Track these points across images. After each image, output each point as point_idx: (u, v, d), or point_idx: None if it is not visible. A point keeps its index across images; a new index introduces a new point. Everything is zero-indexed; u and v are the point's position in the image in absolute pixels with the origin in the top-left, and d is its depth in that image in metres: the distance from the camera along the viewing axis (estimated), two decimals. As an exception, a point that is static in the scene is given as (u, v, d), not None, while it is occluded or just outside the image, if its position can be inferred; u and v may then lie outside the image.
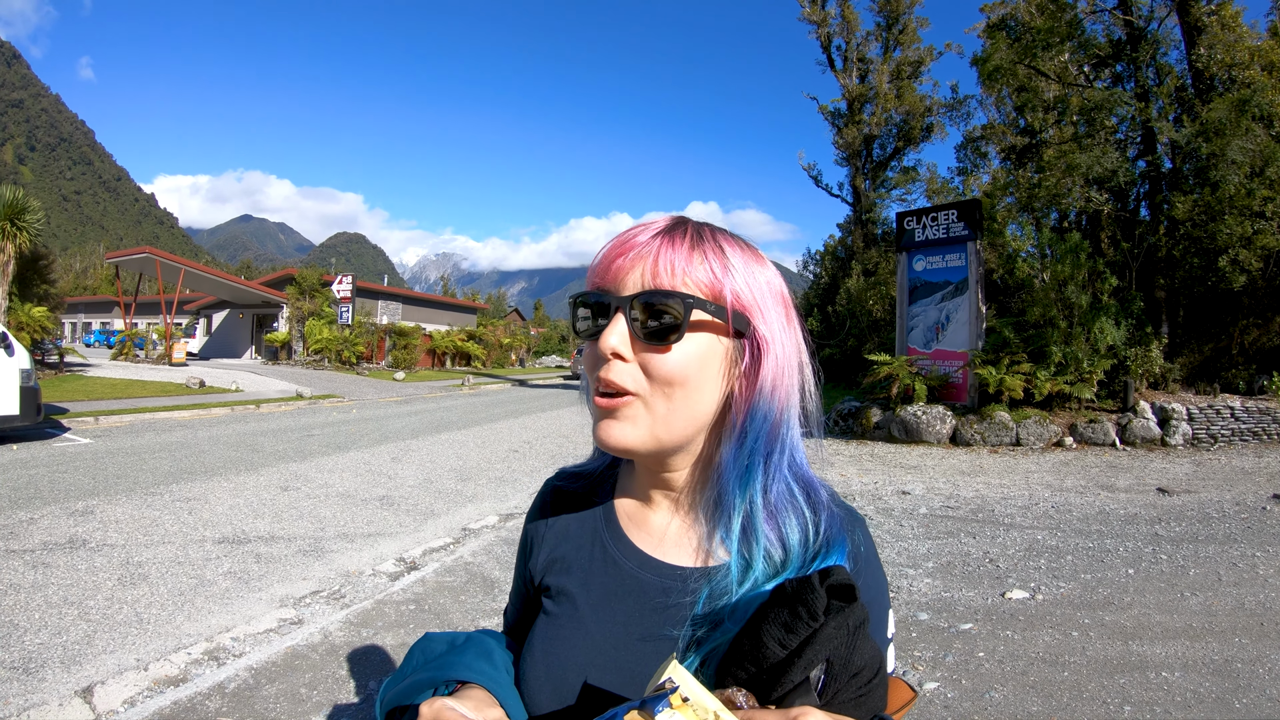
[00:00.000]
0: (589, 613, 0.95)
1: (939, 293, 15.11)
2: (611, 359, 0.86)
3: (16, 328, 22.08)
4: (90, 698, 3.84)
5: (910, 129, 31.49)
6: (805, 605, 0.71)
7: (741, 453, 0.91)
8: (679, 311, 0.84)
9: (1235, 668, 4.04)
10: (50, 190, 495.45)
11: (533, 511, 1.12)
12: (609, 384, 0.86)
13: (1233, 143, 12.97)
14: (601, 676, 0.90)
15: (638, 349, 0.86)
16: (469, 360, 47.89)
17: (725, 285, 0.87)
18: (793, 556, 0.91)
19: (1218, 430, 12.10)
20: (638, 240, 0.88)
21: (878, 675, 0.76)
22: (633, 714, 0.64)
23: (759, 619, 0.74)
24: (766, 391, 0.90)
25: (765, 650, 0.71)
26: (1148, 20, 16.07)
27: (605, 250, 0.90)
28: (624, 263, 0.87)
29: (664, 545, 0.97)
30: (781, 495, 0.93)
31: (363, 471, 10.53)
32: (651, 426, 0.87)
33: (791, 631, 0.71)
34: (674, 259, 0.86)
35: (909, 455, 12.34)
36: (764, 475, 0.92)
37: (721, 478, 0.93)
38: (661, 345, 0.85)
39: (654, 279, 0.85)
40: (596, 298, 0.89)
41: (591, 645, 0.92)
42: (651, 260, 0.86)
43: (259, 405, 19.73)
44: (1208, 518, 7.56)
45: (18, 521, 7.18)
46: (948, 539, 7.04)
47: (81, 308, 67.01)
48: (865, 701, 0.74)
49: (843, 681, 0.72)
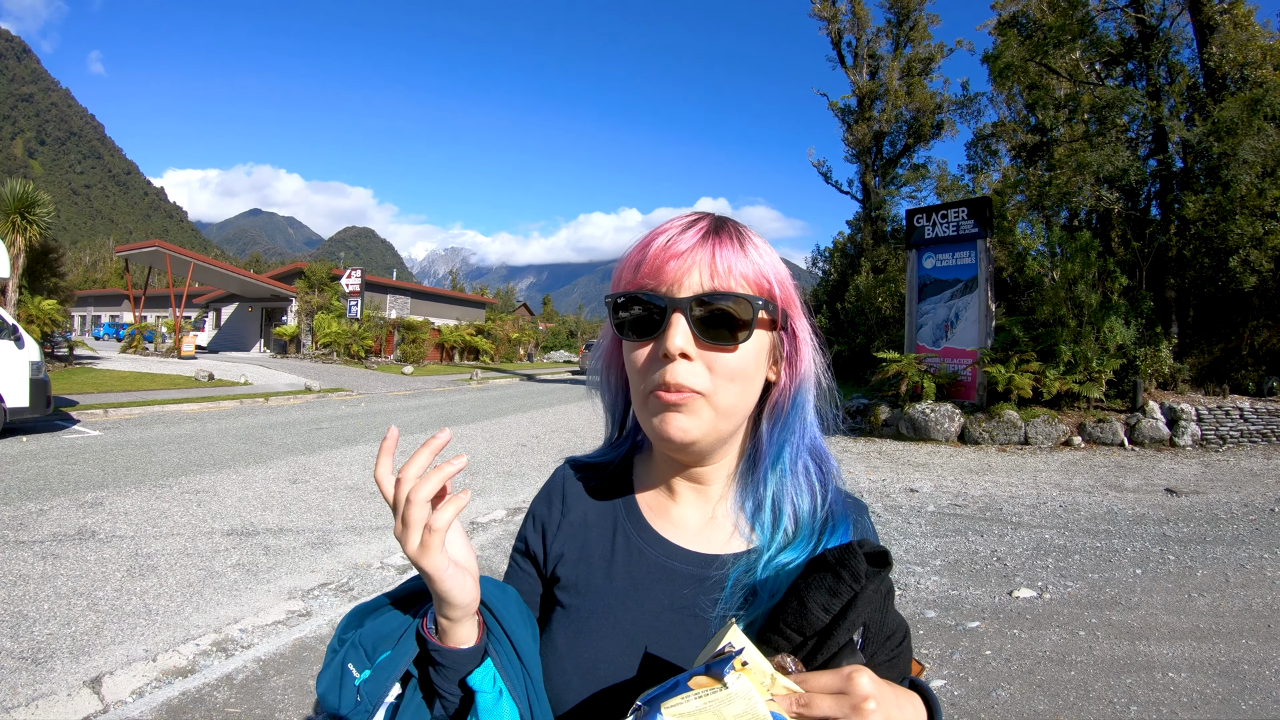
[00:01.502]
0: (615, 603, 0.96)
1: (948, 290, 15.07)
2: (678, 359, 0.86)
3: (27, 320, 22.20)
4: (99, 688, 3.87)
5: (920, 126, 31.38)
6: (848, 569, 0.73)
7: (780, 434, 0.96)
8: (745, 311, 0.86)
9: (1242, 669, 4.03)
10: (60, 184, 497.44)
11: (543, 498, 1.11)
12: (678, 385, 0.86)
13: (1244, 142, 12.89)
14: (634, 664, 0.91)
15: (701, 347, 0.87)
16: (477, 355, 47.91)
17: (772, 281, 0.90)
18: (802, 527, 0.96)
19: (1227, 431, 12.04)
20: (685, 241, 0.89)
21: (905, 640, 0.82)
22: (699, 678, 0.65)
23: (800, 587, 0.76)
24: (806, 376, 0.95)
25: (810, 615, 0.74)
26: (1159, 18, 15.99)
27: (652, 250, 0.90)
28: (678, 265, 0.88)
29: (690, 533, 0.99)
30: (802, 470, 0.98)
31: (371, 465, 10.51)
32: (714, 420, 0.89)
33: (835, 595, 0.73)
34: (729, 259, 0.88)
35: (917, 453, 12.32)
36: (791, 452, 0.97)
37: (761, 461, 0.97)
38: (729, 345, 0.87)
39: (712, 279, 0.87)
40: (650, 298, 0.89)
41: (620, 633, 0.93)
42: (708, 261, 0.87)
43: (268, 398, 19.81)
44: (1216, 519, 7.54)
45: (27, 513, 7.23)
46: (955, 537, 7.03)
47: (91, 301, 67.25)
48: (897, 664, 0.81)
49: (878, 644, 0.78)
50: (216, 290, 47.72)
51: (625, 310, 0.91)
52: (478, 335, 47.97)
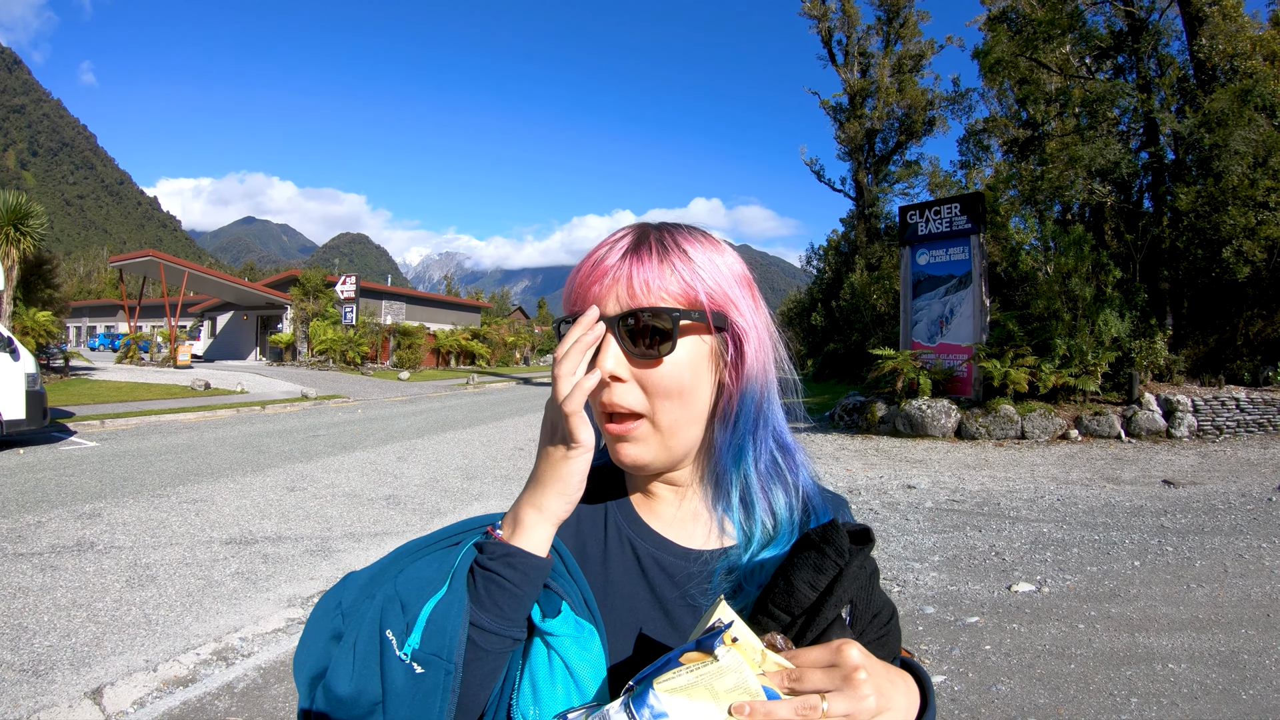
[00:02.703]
0: (612, 593, 0.96)
1: (943, 286, 15.09)
2: (611, 382, 0.87)
3: (21, 332, 22.13)
4: (100, 699, 3.86)
5: (912, 123, 31.45)
6: (832, 544, 0.76)
7: (735, 435, 0.95)
8: (666, 322, 0.86)
9: (1241, 659, 4.04)
10: (53, 195, 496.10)
11: None
12: (613, 406, 0.88)
13: (1235, 133, 12.94)
14: (628, 649, 0.91)
15: (633, 366, 0.87)
16: (473, 359, 47.89)
17: (699, 289, 0.89)
18: (781, 524, 0.97)
19: (1223, 422, 12.08)
20: (608, 263, 0.89)
21: (893, 619, 0.83)
22: (690, 653, 0.67)
23: (787, 567, 0.78)
24: (753, 376, 0.94)
25: (797, 593, 0.76)
26: (1149, 11, 16.02)
27: (578, 275, 0.91)
28: (599, 288, 0.88)
29: (676, 530, 1.00)
30: (768, 466, 0.98)
31: (369, 471, 10.56)
32: (661, 440, 0.90)
33: (820, 571, 0.75)
34: (647, 276, 0.87)
35: (914, 449, 12.33)
36: (754, 450, 0.97)
37: (719, 461, 0.97)
38: (654, 360, 0.87)
39: (631, 299, 0.87)
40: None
41: (619, 622, 0.93)
42: (626, 281, 0.87)
43: (264, 406, 19.77)
44: (1213, 509, 7.56)
45: (26, 525, 7.21)
46: (953, 533, 7.04)
47: (86, 312, 67.15)
48: (886, 643, 0.82)
49: (865, 622, 0.80)
50: (211, 299, 47.65)
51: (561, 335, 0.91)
52: (473, 340, 47.95)
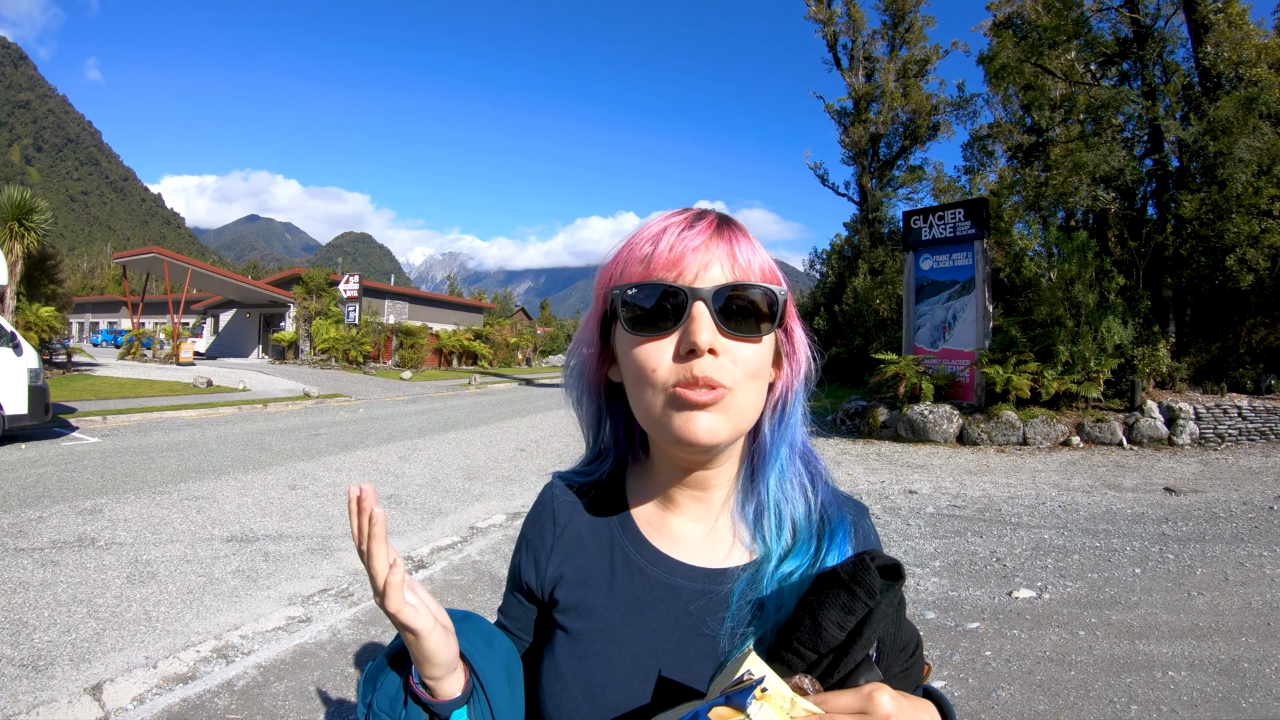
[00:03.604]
0: (619, 624, 0.93)
1: (946, 292, 15.08)
2: (705, 354, 0.82)
3: (25, 327, 22.16)
4: (99, 695, 3.87)
5: (917, 128, 31.42)
6: (863, 585, 0.72)
7: (780, 437, 0.94)
8: (767, 302, 0.85)
9: (1242, 667, 4.04)
10: (57, 191, 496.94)
11: (534, 521, 1.06)
12: (708, 380, 0.81)
13: (1240, 141, 12.92)
14: (643, 686, 0.88)
15: (727, 338, 0.84)
16: (475, 359, 47.90)
17: (780, 277, 0.89)
18: (800, 531, 0.93)
19: (1225, 430, 12.06)
20: (697, 232, 0.86)
21: (918, 650, 0.81)
22: (719, 709, 0.64)
23: (814, 605, 0.74)
24: (800, 377, 0.94)
25: (824, 634, 0.72)
26: (1154, 18, 16.03)
27: (664, 242, 0.86)
28: (697, 257, 0.84)
29: (692, 549, 0.96)
30: (794, 471, 0.96)
31: (370, 470, 10.56)
32: (737, 419, 0.85)
33: (850, 612, 0.72)
34: (749, 253, 0.86)
35: (916, 454, 12.32)
36: (789, 451, 0.95)
37: (762, 464, 0.95)
38: (753, 336, 0.85)
39: (733, 271, 0.85)
40: (669, 288, 0.84)
41: (627, 656, 0.90)
42: (729, 252, 0.85)
43: (266, 404, 19.80)
44: (1215, 517, 7.55)
45: (27, 520, 7.22)
46: (955, 538, 7.04)
47: (89, 307, 67.21)
48: (910, 674, 0.80)
49: (892, 656, 0.78)
50: (214, 296, 47.72)
51: (638, 302, 0.85)
52: (476, 340, 47.97)
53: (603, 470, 1.06)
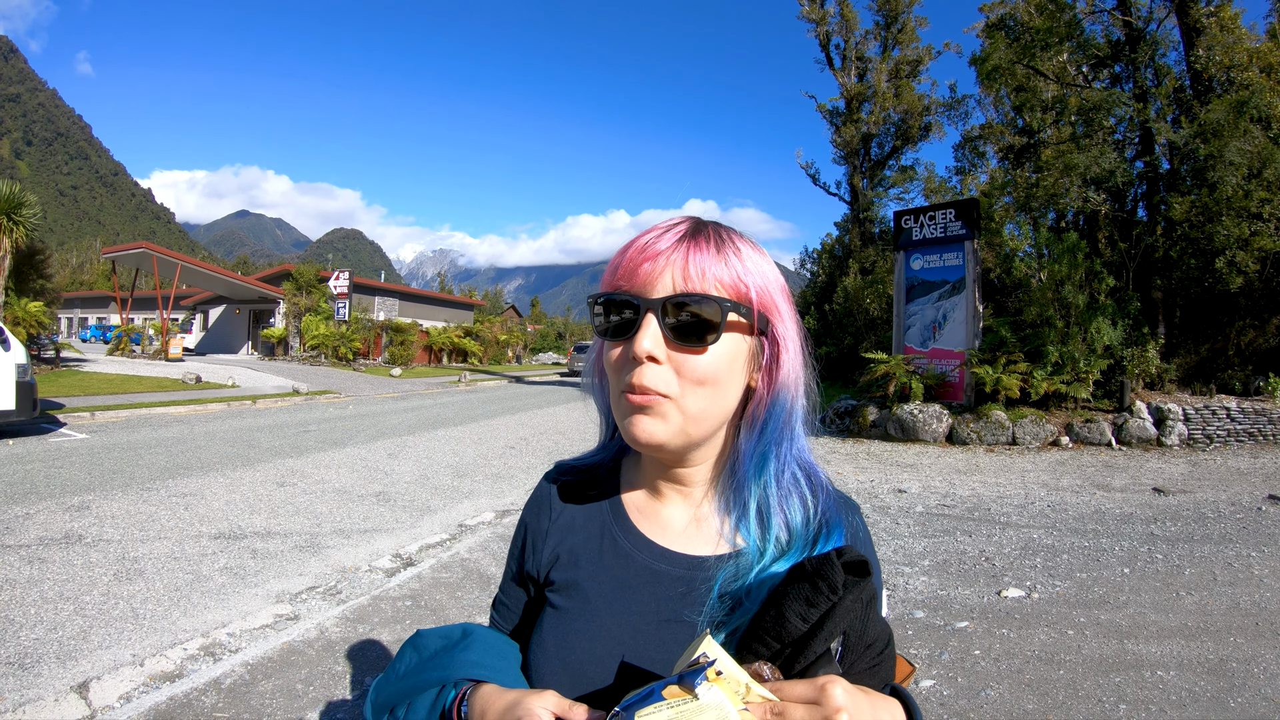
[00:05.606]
0: (602, 605, 0.97)
1: (936, 291, 15.12)
2: (645, 361, 0.87)
3: (12, 323, 22.03)
4: (86, 693, 3.84)
5: (908, 128, 31.52)
6: (825, 580, 0.74)
7: (760, 444, 0.95)
8: (715, 314, 0.86)
9: (1230, 667, 4.06)
10: (47, 185, 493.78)
11: (533, 506, 1.11)
12: (644, 388, 0.87)
13: (1230, 144, 12.99)
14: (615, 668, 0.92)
15: (671, 350, 0.87)
16: (465, 357, 47.85)
17: (749, 286, 0.90)
18: (796, 537, 0.95)
19: (1214, 431, 12.12)
20: (663, 244, 0.89)
21: (888, 647, 0.82)
22: (672, 687, 0.67)
23: (779, 595, 0.77)
24: (785, 386, 0.94)
25: (788, 625, 0.75)
26: (1147, 21, 16.09)
27: (629, 253, 0.91)
28: (652, 267, 0.88)
29: (677, 536, 1.00)
30: (789, 481, 0.98)
31: (359, 467, 10.53)
32: (683, 424, 0.89)
33: (813, 605, 0.74)
34: (703, 263, 0.88)
35: (905, 454, 12.35)
36: (776, 463, 0.96)
37: (740, 468, 0.97)
38: (697, 346, 0.87)
39: (685, 282, 0.87)
40: (623, 299, 0.89)
41: (608, 636, 0.94)
42: (681, 264, 0.88)
43: (255, 401, 19.72)
44: (1203, 518, 7.58)
45: (13, 517, 7.17)
46: (944, 537, 7.05)
47: (78, 303, 66.86)
48: (878, 671, 0.80)
49: (858, 652, 0.78)
50: (204, 292, 47.49)
51: (601, 311, 0.92)
52: (466, 337, 47.91)
53: (607, 455, 1.11)
